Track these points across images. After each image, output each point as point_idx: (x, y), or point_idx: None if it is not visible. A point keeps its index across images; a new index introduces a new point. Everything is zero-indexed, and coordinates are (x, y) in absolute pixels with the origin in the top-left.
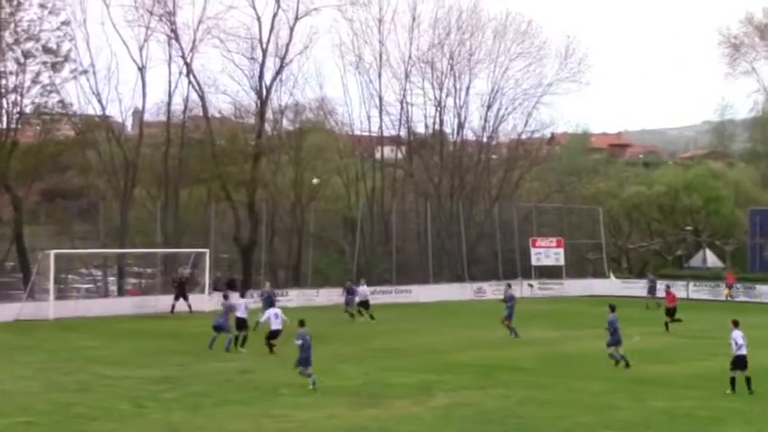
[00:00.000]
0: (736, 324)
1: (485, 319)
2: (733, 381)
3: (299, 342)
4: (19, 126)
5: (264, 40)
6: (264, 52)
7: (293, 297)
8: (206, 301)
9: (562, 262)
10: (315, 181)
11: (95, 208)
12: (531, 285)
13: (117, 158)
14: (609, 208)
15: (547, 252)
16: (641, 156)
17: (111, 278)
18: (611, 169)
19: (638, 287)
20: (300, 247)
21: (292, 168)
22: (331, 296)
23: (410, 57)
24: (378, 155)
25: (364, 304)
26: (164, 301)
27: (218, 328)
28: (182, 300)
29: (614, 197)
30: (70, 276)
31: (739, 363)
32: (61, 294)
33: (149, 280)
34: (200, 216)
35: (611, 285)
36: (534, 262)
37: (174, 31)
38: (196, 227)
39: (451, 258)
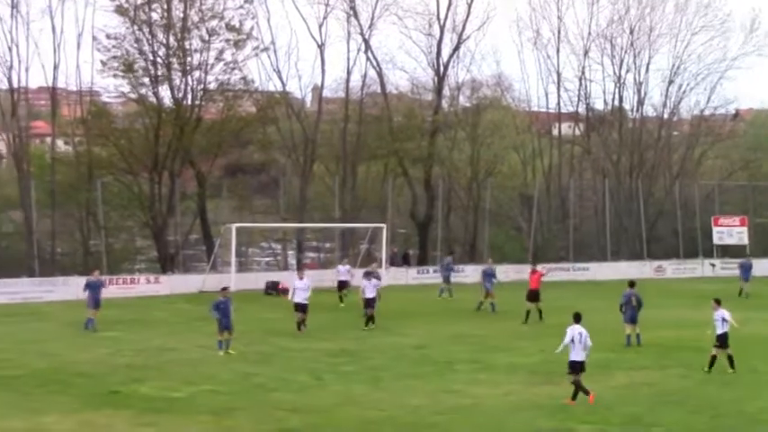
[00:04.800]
0: (718, 303)
1: (665, 298)
2: (713, 359)
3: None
4: (203, 103)
5: (442, 16)
6: (442, 29)
7: (469, 273)
8: (384, 276)
9: (746, 241)
10: None
11: (275, 183)
12: (713, 265)
13: (297, 134)
14: None
15: (730, 231)
16: None
17: (291, 252)
18: None
19: None
20: (477, 223)
21: (469, 145)
22: (507, 273)
23: (589, 33)
24: (555, 131)
25: (344, 284)
26: None
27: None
28: None
29: None
30: (251, 249)
31: (721, 341)
32: (242, 267)
33: (328, 254)
34: (378, 192)
35: None
36: (716, 241)
37: (352, 8)
38: (373, 202)
39: (630, 236)
